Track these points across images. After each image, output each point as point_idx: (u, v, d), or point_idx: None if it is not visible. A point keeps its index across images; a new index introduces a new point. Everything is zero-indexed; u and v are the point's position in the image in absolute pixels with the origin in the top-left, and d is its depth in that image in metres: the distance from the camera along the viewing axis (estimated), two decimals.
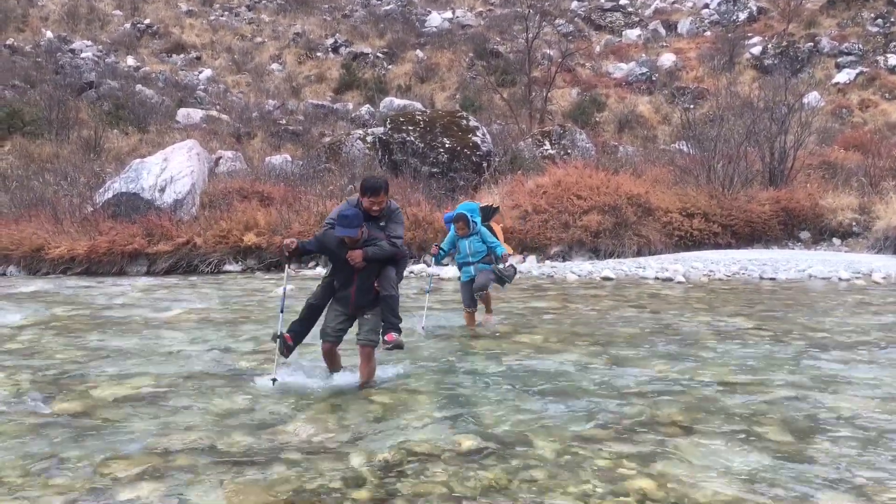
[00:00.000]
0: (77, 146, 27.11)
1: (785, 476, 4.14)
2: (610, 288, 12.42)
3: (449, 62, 38.63)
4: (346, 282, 5.95)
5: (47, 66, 34.89)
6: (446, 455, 4.46)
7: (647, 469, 4.23)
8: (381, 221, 5.94)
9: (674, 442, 4.69)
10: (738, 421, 5.11)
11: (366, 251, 5.79)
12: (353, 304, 5.97)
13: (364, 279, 5.91)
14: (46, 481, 4.10)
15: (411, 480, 4.07)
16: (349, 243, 5.75)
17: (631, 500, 3.80)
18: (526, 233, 16.51)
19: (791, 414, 5.26)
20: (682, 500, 3.81)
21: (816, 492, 3.93)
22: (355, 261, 5.77)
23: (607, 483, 4.03)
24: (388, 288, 5.99)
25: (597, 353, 7.28)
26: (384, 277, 5.99)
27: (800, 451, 4.52)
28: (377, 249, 5.82)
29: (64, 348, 7.79)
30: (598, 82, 37.09)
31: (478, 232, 8.64)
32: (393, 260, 6.03)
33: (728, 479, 4.09)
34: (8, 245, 16.98)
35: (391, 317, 6.01)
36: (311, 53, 40.35)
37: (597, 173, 18.51)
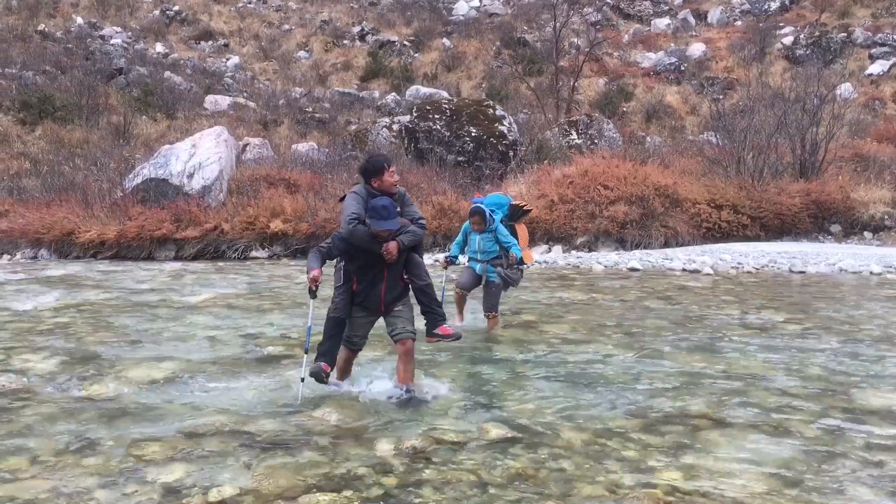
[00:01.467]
0: (106, 132, 27.37)
1: (815, 469, 4.10)
2: (636, 279, 12.34)
3: (476, 51, 38.46)
4: (373, 280, 5.27)
5: (77, 52, 35.21)
6: (473, 443, 4.47)
7: (676, 461, 4.21)
8: (398, 205, 5.36)
9: (703, 434, 4.66)
10: (768, 414, 5.06)
11: (400, 241, 5.20)
12: (385, 302, 5.31)
13: (394, 273, 5.32)
14: (80, 461, 4.17)
15: (439, 468, 4.08)
16: (384, 237, 5.14)
17: (659, 492, 3.78)
18: (552, 223, 16.44)
19: (822, 408, 5.20)
20: (711, 493, 3.78)
21: (849, 486, 3.89)
22: (392, 254, 5.14)
23: (636, 474, 4.01)
24: (424, 276, 5.42)
25: (624, 345, 7.24)
26: (415, 265, 5.41)
27: (831, 446, 4.48)
28: (411, 236, 5.26)
29: (95, 331, 7.89)
30: (625, 72, 36.75)
31: (494, 229, 7.77)
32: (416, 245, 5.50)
33: (758, 473, 4.05)
34: (39, 229, 17.21)
35: (436, 307, 5.45)
36: (338, 41, 40.36)
37: (624, 164, 18.37)
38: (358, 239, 5.16)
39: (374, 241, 5.14)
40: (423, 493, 3.74)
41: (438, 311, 5.44)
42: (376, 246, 5.15)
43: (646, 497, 3.71)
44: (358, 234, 5.14)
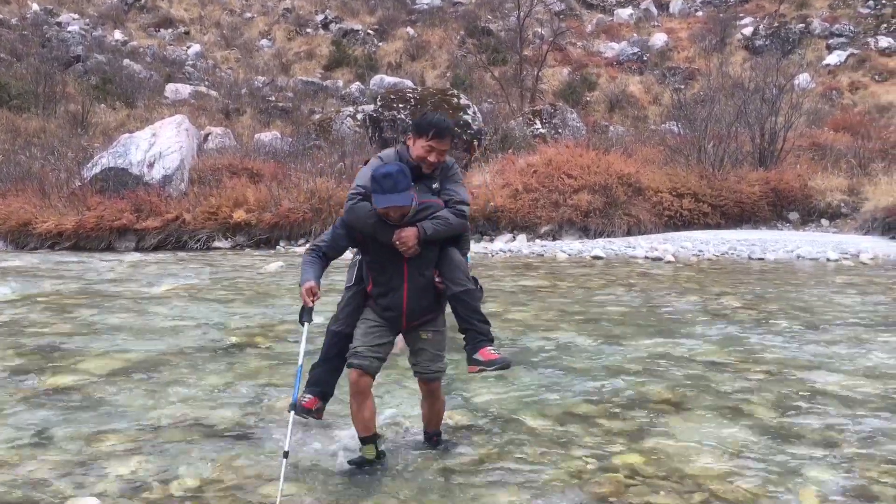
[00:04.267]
0: (64, 120, 26.85)
1: (773, 450, 4.18)
2: (600, 267, 12.46)
3: (440, 40, 38.36)
4: (391, 282, 3.85)
5: (34, 39, 34.42)
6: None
7: (637, 445, 4.27)
8: (432, 183, 3.94)
9: (663, 419, 4.73)
10: (727, 398, 5.15)
11: (422, 227, 3.74)
12: (408, 316, 3.87)
13: (419, 273, 3.84)
14: (37, 454, 4.10)
15: (402, 455, 4.09)
16: (395, 218, 3.72)
17: (620, 476, 3.83)
18: (516, 211, 16.50)
19: (778, 391, 5.30)
20: (671, 474, 3.84)
21: (804, 465, 3.97)
22: (407, 244, 3.72)
23: (596, 459, 4.06)
24: (462, 279, 3.90)
25: (587, 332, 7.31)
26: (451, 265, 3.91)
27: (787, 427, 4.57)
28: (439, 223, 3.79)
29: (53, 323, 7.75)
30: (589, 62, 36.92)
31: None
32: (455, 238, 4.01)
33: (717, 453, 4.12)
34: None
35: (478, 322, 3.95)
36: (301, 30, 39.96)
37: (588, 153, 18.48)
38: (358, 220, 3.83)
39: (381, 226, 3.76)
40: (384, 484, 3.75)
41: (481, 329, 3.95)
42: (383, 232, 3.76)
43: (607, 481, 3.76)
44: (357, 214, 3.82)
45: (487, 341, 3.96)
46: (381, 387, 5.02)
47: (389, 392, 5.26)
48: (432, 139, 3.83)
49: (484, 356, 3.89)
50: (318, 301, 3.81)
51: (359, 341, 3.89)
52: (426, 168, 3.87)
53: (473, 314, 3.94)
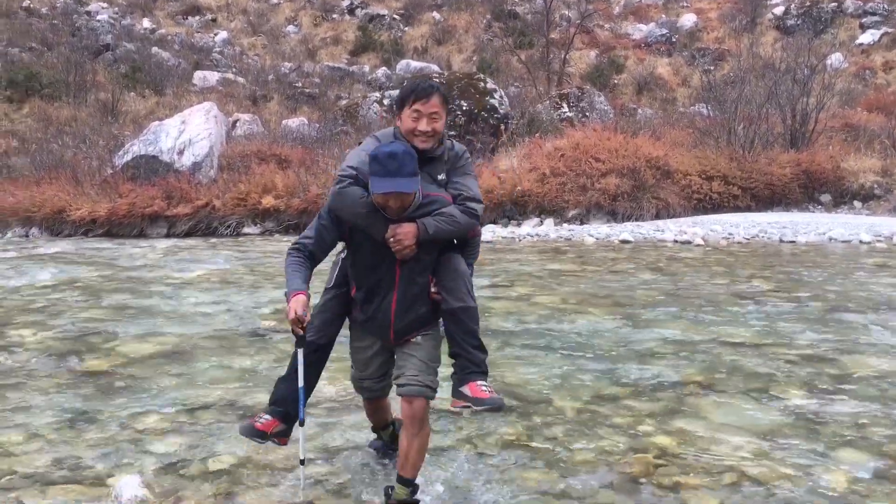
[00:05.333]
0: (95, 109, 27.18)
1: (804, 432, 4.18)
2: (628, 251, 12.40)
3: (466, 24, 38.21)
4: (377, 287, 3.29)
5: (63, 28, 34.82)
6: (467, 412, 4.51)
7: (667, 426, 4.29)
8: (437, 172, 3.35)
9: (693, 400, 4.74)
10: (757, 380, 5.14)
11: (423, 225, 3.17)
12: (395, 329, 3.30)
13: (412, 279, 3.26)
14: (79, 435, 4.21)
15: (434, 436, 4.14)
16: (393, 210, 3.14)
17: (650, 455, 3.86)
18: (543, 196, 16.43)
19: (809, 374, 5.28)
20: (702, 457, 3.86)
21: (834, 449, 3.97)
22: (403, 244, 3.15)
23: (626, 439, 4.09)
24: (463, 293, 3.28)
25: (615, 315, 7.30)
26: (452, 274, 3.30)
27: (818, 409, 4.56)
28: (445, 222, 3.21)
29: (90, 308, 7.91)
30: (616, 44, 36.60)
31: None
32: (461, 242, 3.44)
33: (747, 437, 4.13)
34: (30, 207, 17.13)
35: (472, 348, 3.30)
36: (327, 15, 40.00)
37: (615, 136, 18.31)
38: (346, 208, 3.21)
39: (374, 217, 3.17)
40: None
41: (474, 357, 3.29)
42: (376, 225, 3.17)
43: (636, 462, 3.79)
44: (346, 200, 3.20)
45: (479, 374, 3.28)
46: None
47: None
48: (415, 103, 3.25)
49: (472, 391, 3.22)
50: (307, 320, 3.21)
51: (362, 371, 3.52)
52: (421, 142, 3.26)
53: (468, 338, 3.29)
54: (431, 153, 3.31)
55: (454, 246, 3.41)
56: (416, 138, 3.26)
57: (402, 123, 3.31)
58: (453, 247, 3.41)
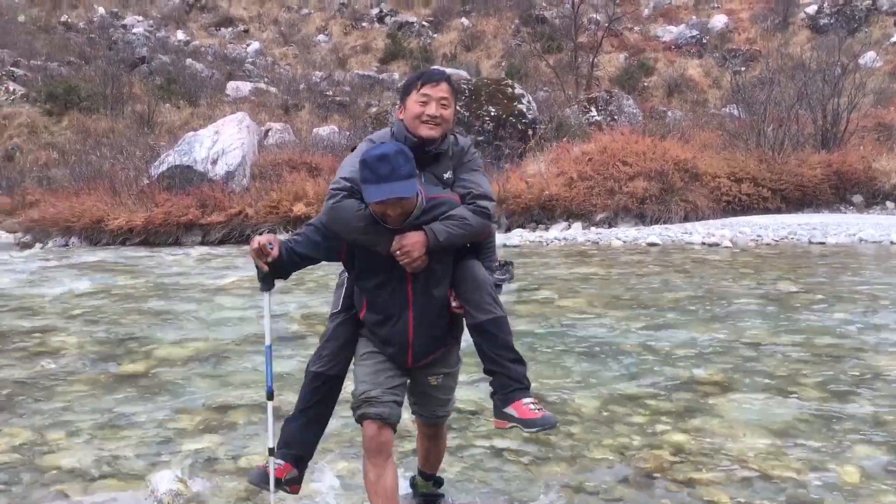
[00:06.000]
0: (131, 120, 27.83)
1: (820, 430, 4.26)
2: (655, 253, 12.45)
3: (494, 29, 38.41)
4: (388, 307, 2.93)
5: (100, 42, 35.69)
6: (488, 412, 4.65)
7: (683, 424, 4.39)
8: (442, 171, 3.00)
9: (711, 400, 4.83)
10: (777, 380, 5.21)
11: (431, 231, 2.81)
12: (415, 351, 2.95)
13: (428, 294, 2.91)
14: (117, 433, 4.42)
15: (455, 434, 4.29)
16: (394, 219, 2.77)
17: (664, 453, 3.96)
18: (571, 200, 16.53)
19: (830, 373, 5.33)
20: (715, 452, 3.96)
21: (850, 445, 4.04)
22: (411, 255, 2.79)
23: (642, 437, 4.19)
24: (489, 303, 2.91)
25: (639, 317, 7.39)
26: (472, 283, 2.93)
27: (836, 408, 4.62)
28: (455, 226, 2.84)
29: (127, 314, 8.18)
30: (646, 46, 36.54)
31: None
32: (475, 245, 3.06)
33: (763, 432, 4.22)
34: (69, 217, 17.63)
35: (510, 362, 2.93)
36: (357, 24, 40.47)
37: (643, 139, 18.37)
38: (343, 224, 2.86)
39: (375, 230, 2.81)
40: None
41: (513, 372, 2.92)
42: (379, 238, 2.82)
43: (652, 458, 3.90)
44: (341, 215, 2.85)
45: (523, 390, 2.91)
46: None
47: None
48: (424, 87, 2.93)
49: (520, 412, 2.85)
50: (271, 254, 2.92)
51: (367, 384, 2.94)
52: (428, 129, 2.91)
53: (503, 351, 2.91)
54: (436, 148, 2.96)
55: (469, 250, 3.02)
56: (423, 125, 2.91)
57: (406, 112, 2.96)
58: (468, 251, 3.02)
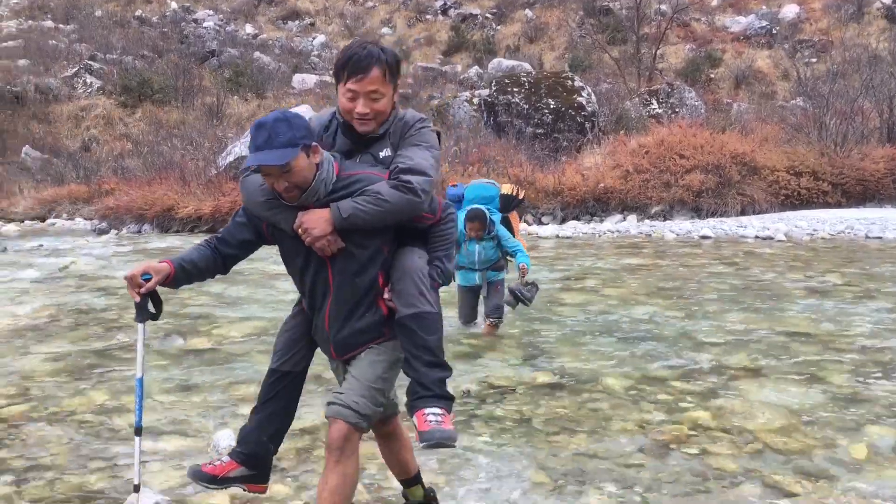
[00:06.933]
0: (201, 112, 28.81)
1: (837, 412, 4.45)
2: (707, 246, 12.54)
3: (558, 21, 38.36)
4: (313, 293, 2.77)
5: (173, 35, 36.92)
6: (523, 388, 4.99)
7: (706, 403, 4.63)
8: (380, 150, 2.77)
9: (737, 383, 5.05)
10: (805, 367, 5.39)
11: (336, 208, 2.58)
12: (334, 342, 2.75)
13: (348, 280, 2.69)
14: (184, 398, 4.89)
15: (489, 406, 4.63)
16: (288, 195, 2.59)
17: (684, 426, 4.22)
18: (626, 192, 16.65)
19: (859, 361, 5.49)
20: (733, 429, 4.20)
21: (865, 425, 4.23)
22: (312, 234, 2.59)
23: (665, 414, 4.46)
24: (414, 297, 2.67)
25: (680, 306, 7.60)
26: (400, 274, 2.71)
27: (858, 392, 4.80)
28: (366, 202, 2.57)
29: (194, 295, 8.74)
30: (713, 37, 36.02)
31: (495, 234, 6.30)
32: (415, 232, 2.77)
33: (781, 413, 4.43)
34: (142, 205, 18.51)
35: (423, 365, 2.63)
36: (421, 16, 40.90)
37: (701, 132, 18.33)
38: (248, 200, 2.80)
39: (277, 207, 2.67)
40: (473, 426, 4.29)
41: (424, 377, 2.62)
42: (283, 216, 2.67)
43: (670, 431, 4.16)
44: (246, 189, 2.80)
45: (430, 398, 2.59)
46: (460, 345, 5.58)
47: (484, 355, 5.81)
48: (350, 80, 2.66)
49: (418, 423, 2.56)
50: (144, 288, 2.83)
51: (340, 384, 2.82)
52: (360, 125, 2.72)
53: (420, 352, 2.63)
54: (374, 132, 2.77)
55: (415, 237, 2.77)
56: (355, 121, 2.73)
57: (340, 100, 2.75)
58: (414, 238, 2.77)
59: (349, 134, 2.78)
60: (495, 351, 5.93)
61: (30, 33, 35.80)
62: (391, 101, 2.77)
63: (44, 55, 32.97)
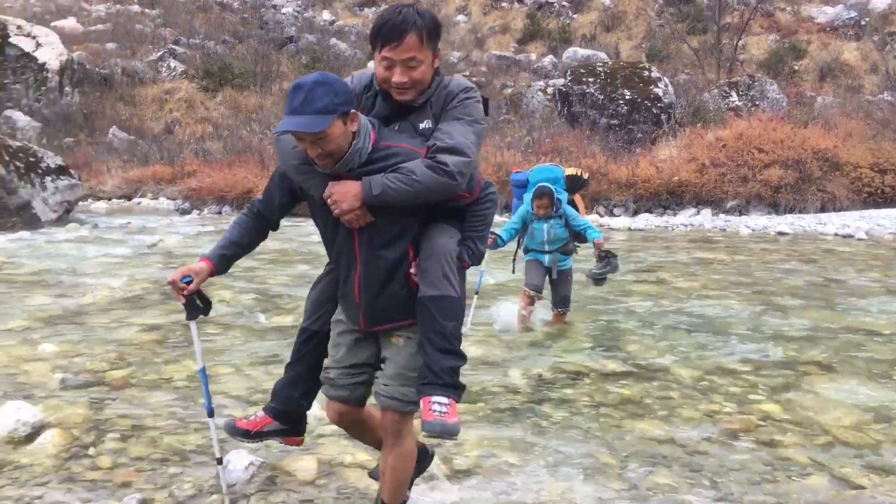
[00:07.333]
0: (278, 98, 29.41)
1: None
2: (783, 243, 12.34)
3: (636, 10, 37.81)
4: (339, 260, 2.76)
5: (253, 21, 37.76)
6: (593, 374, 5.11)
7: (776, 396, 4.67)
8: (420, 120, 2.67)
9: (809, 378, 5.06)
10: (880, 365, 5.36)
11: (368, 183, 2.50)
12: (364, 313, 2.70)
13: (374, 253, 2.64)
14: (270, 370, 5.16)
15: (559, 391, 4.76)
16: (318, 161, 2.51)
17: (753, 417, 4.29)
18: (702, 186, 16.44)
19: None
20: (803, 422, 4.24)
21: None
22: (340, 207, 2.53)
23: (735, 404, 4.52)
24: (433, 277, 2.60)
25: (753, 301, 7.56)
26: (425, 251, 2.64)
27: None
28: (397, 180, 2.48)
29: (276, 275, 9.09)
30: (799, 27, 35.01)
31: (562, 213, 6.29)
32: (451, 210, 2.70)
33: (853, 408, 4.45)
34: (223, 187, 19.14)
35: (438, 351, 2.57)
36: (497, 3, 40.83)
37: (782, 126, 17.93)
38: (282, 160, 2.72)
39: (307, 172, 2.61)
40: (544, 409, 4.43)
41: (435, 363, 2.57)
42: (313, 182, 2.61)
43: (739, 421, 4.23)
44: (281, 148, 2.70)
45: (439, 386, 2.55)
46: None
47: (556, 343, 5.94)
48: (384, 47, 2.57)
49: (423, 410, 2.54)
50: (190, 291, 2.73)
51: (329, 359, 2.85)
52: (397, 94, 2.64)
53: (435, 337, 2.57)
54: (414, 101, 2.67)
55: (451, 214, 2.70)
56: (393, 90, 2.64)
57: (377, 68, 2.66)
58: (449, 215, 2.69)
59: (389, 100, 2.68)
60: (566, 338, 6.05)
61: (118, 17, 37.08)
62: (431, 68, 2.65)
63: (131, 39, 34.11)
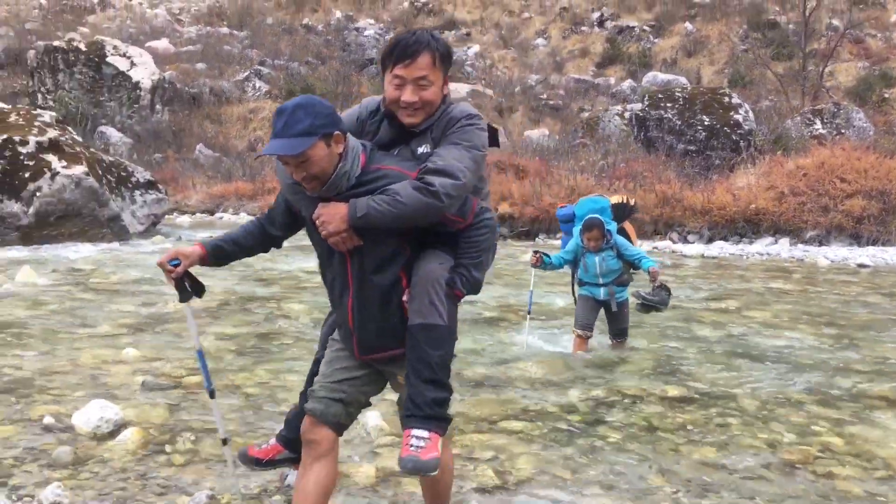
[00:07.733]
0: None
1: None
2: (863, 275, 11.99)
3: (720, 34, 37.29)
4: (334, 284, 2.73)
5: (335, 43, 38.73)
6: (652, 398, 5.12)
7: (840, 429, 4.60)
8: (419, 145, 2.67)
9: (875, 413, 4.97)
10: None
11: (353, 205, 2.48)
12: (359, 340, 2.67)
13: (365, 278, 2.62)
14: None
15: (617, 413, 4.80)
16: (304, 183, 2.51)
17: (813, 449, 4.24)
18: (780, 215, 16.09)
19: None
20: (863, 454, 4.18)
21: None
22: (327, 228, 2.50)
23: (795, 435, 4.48)
24: (422, 305, 2.57)
25: (826, 334, 7.41)
26: (416, 279, 2.60)
27: None
28: (382, 200, 2.44)
29: None
30: (890, 55, 33.96)
31: (613, 244, 6.26)
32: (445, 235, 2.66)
33: None
34: None
35: (420, 383, 2.54)
36: (576, 27, 40.88)
37: (867, 155, 17.41)
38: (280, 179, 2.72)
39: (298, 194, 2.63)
40: (599, 430, 4.49)
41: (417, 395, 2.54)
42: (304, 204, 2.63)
43: (799, 452, 4.20)
44: (279, 170, 2.68)
45: (420, 419, 2.50)
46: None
47: (617, 366, 5.96)
48: (397, 66, 2.58)
49: (403, 442, 2.50)
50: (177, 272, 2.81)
51: (319, 374, 2.81)
52: (407, 116, 2.62)
53: (420, 366, 2.54)
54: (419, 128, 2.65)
55: (444, 240, 2.65)
56: (402, 111, 2.63)
57: (384, 90, 2.68)
58: (443, 241, 2.65)
59: (393, 124, 2.69)
60: (627, 363, 6.07)
61: (208, 39, 38.55)
62: (440, 92, 2.66)
63: (219, 59, 35.40)
